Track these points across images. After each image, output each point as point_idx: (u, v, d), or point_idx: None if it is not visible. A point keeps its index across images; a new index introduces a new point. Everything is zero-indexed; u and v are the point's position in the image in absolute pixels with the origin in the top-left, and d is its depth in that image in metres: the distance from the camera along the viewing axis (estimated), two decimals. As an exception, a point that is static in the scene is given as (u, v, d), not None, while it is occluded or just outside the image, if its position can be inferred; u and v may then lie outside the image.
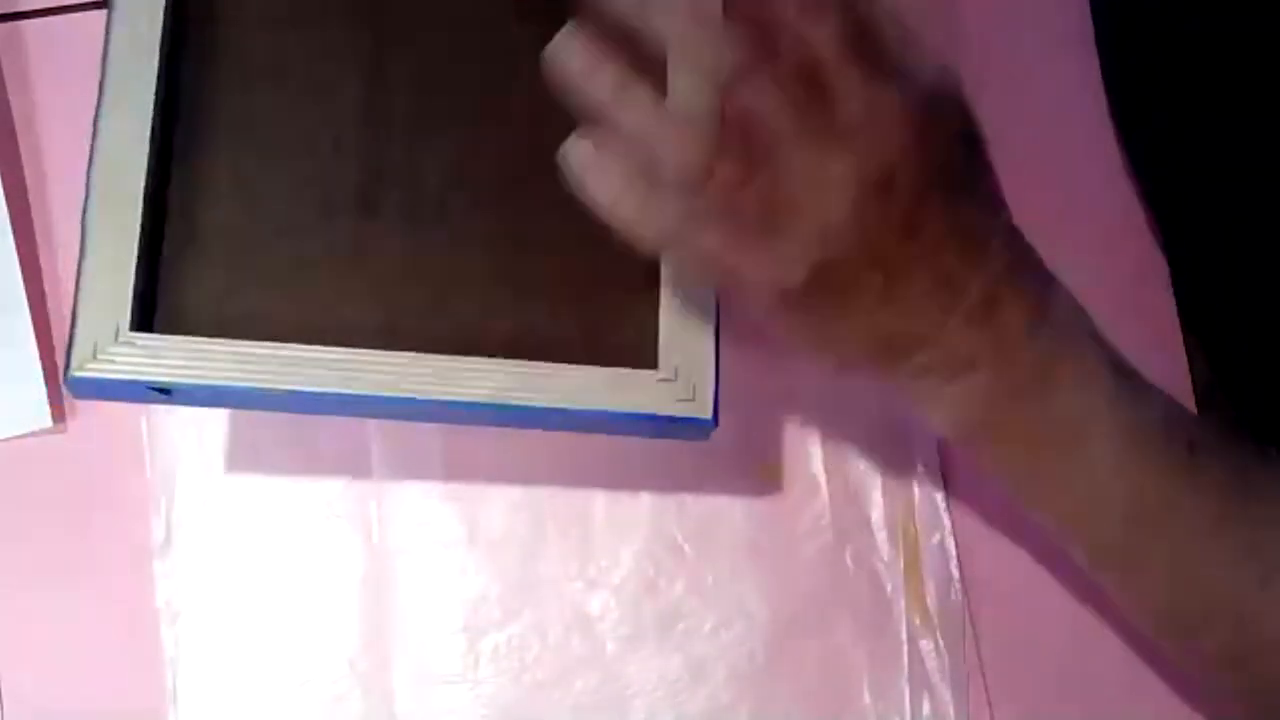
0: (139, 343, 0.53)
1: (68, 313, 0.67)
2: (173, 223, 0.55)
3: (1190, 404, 0.69)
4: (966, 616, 0.66)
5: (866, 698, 0.66)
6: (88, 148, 0.55)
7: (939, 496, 0.67)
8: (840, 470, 0.67)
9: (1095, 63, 0.71)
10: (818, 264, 0.44)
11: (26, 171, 0.68)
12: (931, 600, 0.66)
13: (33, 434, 0.66)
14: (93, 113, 0.55)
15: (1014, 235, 0.49)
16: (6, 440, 0.66)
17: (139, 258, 0.53)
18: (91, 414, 0.67)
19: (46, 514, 0.66)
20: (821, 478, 0.67)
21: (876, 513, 0.67)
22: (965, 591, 0.66)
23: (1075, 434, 0.49)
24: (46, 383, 0.66)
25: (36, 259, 0.68)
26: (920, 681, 0.66)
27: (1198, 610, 0.52)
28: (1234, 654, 0.53)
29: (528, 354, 0.55)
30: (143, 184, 0.54)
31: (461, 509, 0.66)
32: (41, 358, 0.66)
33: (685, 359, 0.56)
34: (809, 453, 0.68)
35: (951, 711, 0.65)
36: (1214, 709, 0.65)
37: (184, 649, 0.65)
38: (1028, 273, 0.49)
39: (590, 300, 0.58)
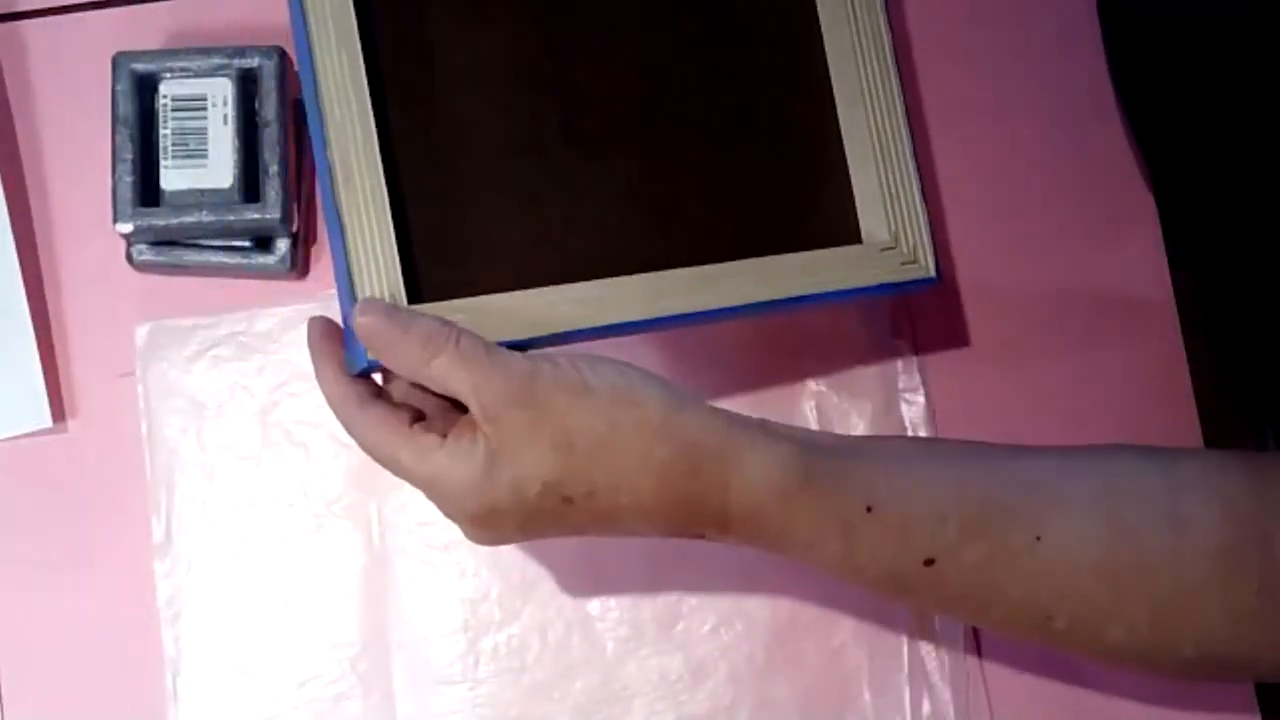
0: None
1: (67, 313, 0.67)
2: (412, 194, 0.55)
3: (1191, 400, 0.69)
4: (966, 616, 0.66)
5: (866, 697, 0.66)
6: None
7: (939, 496, 0.67)
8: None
9: (1102, 51, 0.71)
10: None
11: (26, 171, 0.68)
12: (931, 600, 0.66)
13: (33, 434, 0.66)
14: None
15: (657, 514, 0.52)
16: (6, 440, 0.66)
17: (396, 234, 0.54)
18: (91, 414, 0.67)
19: (46, 514, 0.66)
20: (821, 478, 0.67)
21: (876, 513, 0.67)
22: (965, 591, 0.66)
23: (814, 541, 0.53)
24: (46, 383, 0.66)
25: (36, 259, 0.68)
26: (920, 681, 0.66)
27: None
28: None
29: (752, 251, 0.58)
30: (380, 166, 0.54)
31: (461, 509, 0.66)
32: (41, 358, 0.66)
33: (901, 225, 0.60)
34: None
35: (951, 711, 0.65)
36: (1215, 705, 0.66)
37: (184, 649, 0.65)
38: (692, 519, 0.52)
39: (794, 188, 0.60)
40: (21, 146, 0.69)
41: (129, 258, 0.67)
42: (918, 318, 0.69)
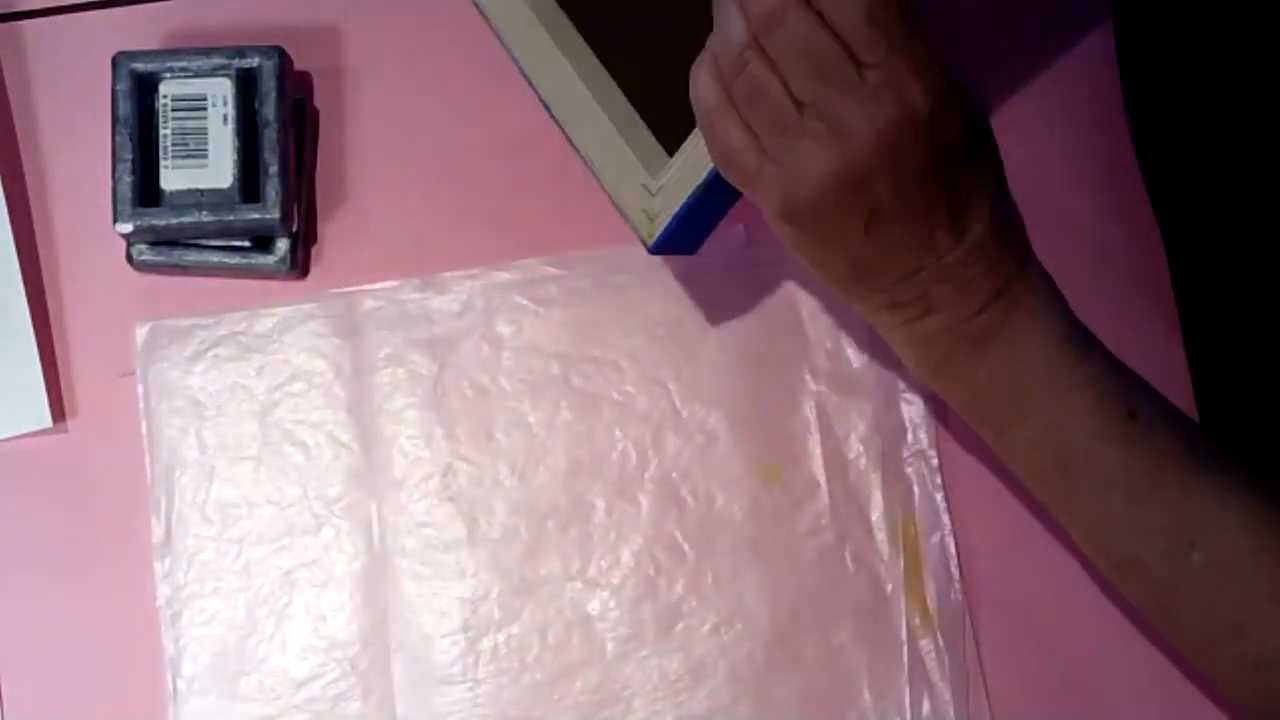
0: (664, 178, 0.59)
1: (67, 313, 0.67)
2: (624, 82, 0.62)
3: (1191, 410, 0.69)
4: (966, 616, 0.66)
5: (866, 698, 0.66)
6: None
7: (939, 496, 0.67)
8: (840, 470, 0.67)
9: (1114, 65, 0.71)
10: (819, 187, 0.50)
11: (26, 171, 0.68)
12: (931, 600, 0.66)
13: (33, 434, 0.66)
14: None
15: (1002, 213, 0.53)
16: (6, 440, 0.66)
17: (621, 126, 0.61)
18: (91, 414, 0.67)
19: (46, 514, 0.66)
20: (821, 478, 0.67)
21: (876, 513, 0.67)
22: (965, 591, 0.66)
23: (1012, 391, 0.54)
24: (46, 383, 0.66)
25: (36, 259, 0.68)
26: (920, 681, 0.66)
27: (1116, 562, 0.57)
28: (1154, 604, 0.57)
29: None
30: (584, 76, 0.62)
31: (461, 509, 0.66)
32: (41, 358, 0.66)
33: None
34: (809, 453, 0.68)
35: (951, 711, 0.65)
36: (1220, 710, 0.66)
37: (184, 649, 0.65)
38: (1006, 247, 0.54)
39: None
40: (21, 146, 0.69)
41: (129, 258, 0.67)
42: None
